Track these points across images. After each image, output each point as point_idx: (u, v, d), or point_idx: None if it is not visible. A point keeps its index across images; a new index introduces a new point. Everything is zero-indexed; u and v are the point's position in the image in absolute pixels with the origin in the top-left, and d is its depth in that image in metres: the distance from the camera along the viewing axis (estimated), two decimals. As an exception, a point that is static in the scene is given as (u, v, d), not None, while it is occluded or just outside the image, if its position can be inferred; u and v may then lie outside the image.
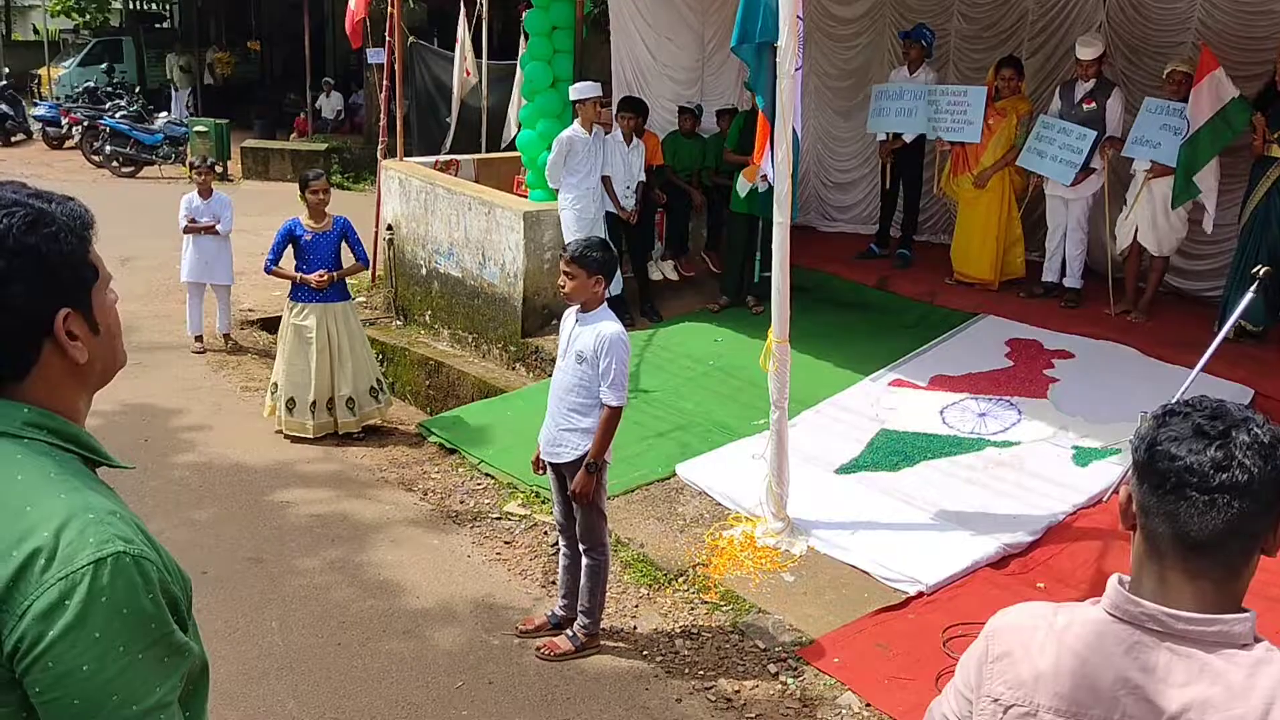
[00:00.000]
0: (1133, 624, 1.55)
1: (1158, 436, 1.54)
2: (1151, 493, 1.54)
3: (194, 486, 6.53)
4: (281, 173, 17.31)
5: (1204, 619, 1.51)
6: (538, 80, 9.01)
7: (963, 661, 1.73)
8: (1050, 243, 8.30)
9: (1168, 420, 1.56)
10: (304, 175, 7.42)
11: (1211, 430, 1.51)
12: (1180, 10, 8.16)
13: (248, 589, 5.34)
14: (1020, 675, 1.61)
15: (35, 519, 1.36)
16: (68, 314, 1.46)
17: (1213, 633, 1.51)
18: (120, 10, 28.81)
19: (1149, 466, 1.54)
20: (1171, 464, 1.51)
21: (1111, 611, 1.58)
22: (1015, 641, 1.65)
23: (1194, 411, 1.54)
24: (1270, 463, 1.49)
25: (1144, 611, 1.54)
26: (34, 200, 1.47)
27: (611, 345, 4.53)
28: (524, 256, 8.43)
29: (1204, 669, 1.50)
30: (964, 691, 1.70)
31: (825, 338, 7.70)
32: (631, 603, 5.31)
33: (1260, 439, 1.50)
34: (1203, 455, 1.49)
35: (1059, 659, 1.58)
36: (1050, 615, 1.65)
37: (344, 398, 7.31)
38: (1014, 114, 8.23)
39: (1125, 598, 1.56)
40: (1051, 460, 6.21)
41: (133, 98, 19.95)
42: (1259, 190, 7.16)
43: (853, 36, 10.09)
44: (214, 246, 9.03)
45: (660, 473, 6.41)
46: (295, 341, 7.25)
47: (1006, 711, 1.62)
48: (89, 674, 1.31)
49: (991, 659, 1.66)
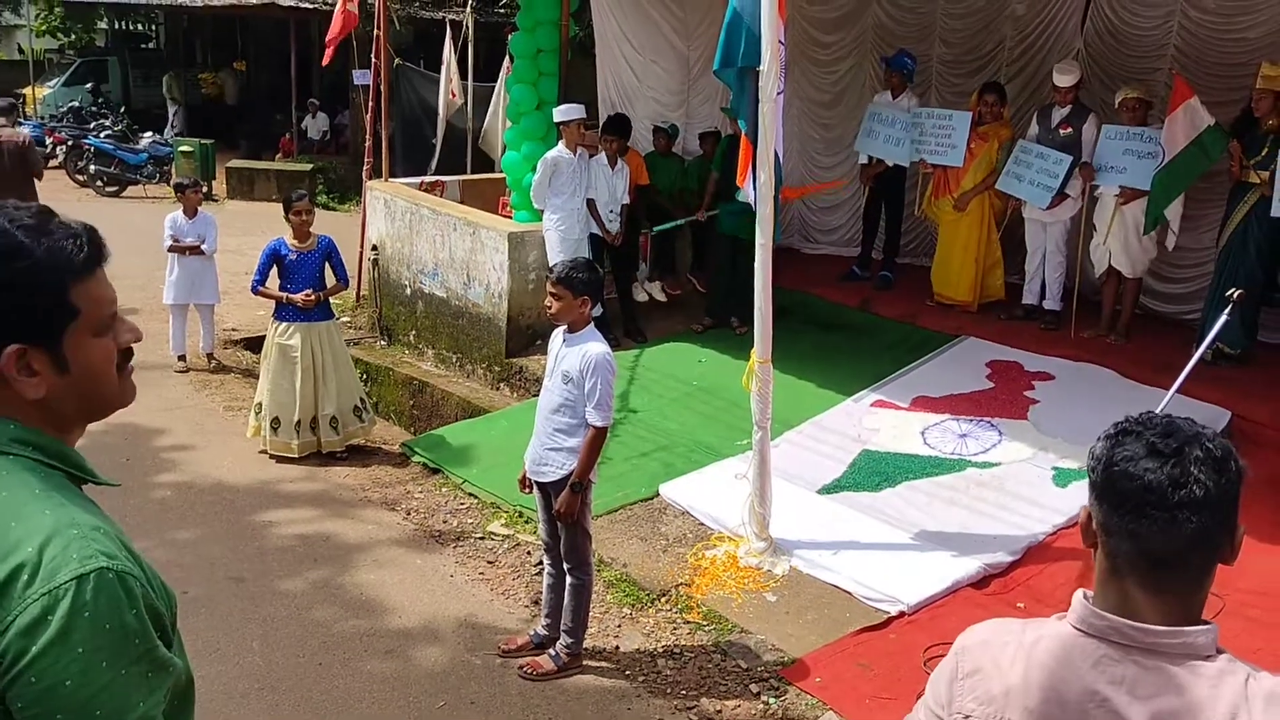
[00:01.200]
0: (1099, 638, 1.58)
1: (1114, 457, 1.58)
2: (1112, 512, 1.57)
3: (176, 506, 6.51)
4: (266, 193, 17.30)
5: (1168, 631, 1.54)
6: (523, 103, 9.06)
7: (933, 678, 1.75)
8: (1030, 265, 8.38)
9: (1121, 440, 1.59)
10: (288, 196, 7.42)
11: (1165, 448, 1.55)
12: (1156, 38, 8.29)
13: (229, 609, 5.33)
14: (990, 691, 1.64)
15: (19, 535, 1.37)
16: (19, 350, 1.45)
17: (1177, 645, 1.54)
18: (105, 31, 28.83)
19: (1107, 487, 1.58)
20: (1130, 484, 1.54)
21: (1078, 626, 1.60)
22: (985, 658, 1.67)
23: (1146, 430, 1.58)
24: (1224, 475, 1.53)
25: (1109, 625, 1.57)
26: (18, 232, 1.46)
27: (597, 366, 4.56)
28: (508, 277, 8.46)
29: (1169, 681, 1.53)
30: (934, 709, 1.72)
31: (808, 359, 7.75)
32: (614, 622, 5.32)
33: (1213, 454, 1.54)
34: (1159, 474, 1.53)
35: (1028, 674, 1.61)
36: (1019, 631, 1.68)
37: (328, 417, 7.33)
38: (995, 139, 8.32)
39: (1091, 612, 1.59)
40: (1032, 481, 6.26)
41: (117, 117, 19.94)
42: (1237, 214, 7.26)
43: (835, 62, 10.20)
44: (199, 266, 9.03)
45: (643, 493, 6.43)
46: (280, 361, 7.26)
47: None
48: (72, 689, 1.32)
49: (961, 676, 1.68)
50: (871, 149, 9.09)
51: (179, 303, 9.04)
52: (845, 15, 9.99)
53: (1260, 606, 5.02)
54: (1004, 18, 9.18)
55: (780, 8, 5.14)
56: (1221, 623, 5.04)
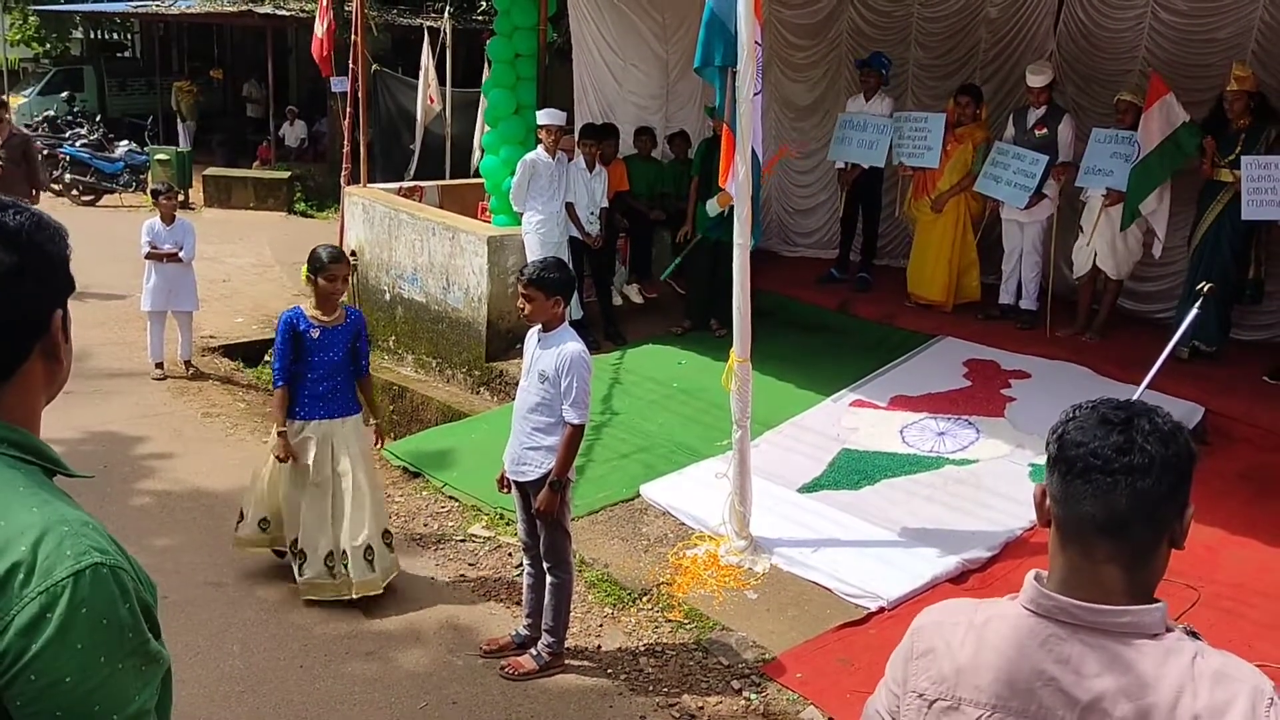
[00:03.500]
0: (1047, 617, 1.60)
1: (1067, 428, 1.62)
2: (1060, 480, 1.61)
3: (154, 512, 6.48)
4: (244, 201, 17.24)
5: (1113, 610, 1.56)
6: (501, 107, 9.09)
7: (891, 658, 1.79)
8: (1006, 265, 8.46)
9: (1076, 413, 1.64)
10: (316, 255, 5.41)
11: (1115, 418, 1.59)
12: (1128, 39, 8.39)
13: (209, 613, 5.30)
14: (942, 670, 1.67)
15: (10, 533, 1.37)
16: (62, 314, 1.50)
17: (1123, 623, 1.56)
18: (80, 40, 28.68)
19: (1058, 455, 1.62)
20: (1078, 450, 1.58)
21: (1028, 606, 1.63)
22: (937, 638, 1.70)
23: (1101, 404, 1.63)
24: (1171, 447, 1.56)
25: (1056, 605, 1.60)
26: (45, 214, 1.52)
27: (573, 364, 4.57)
28: (488, 281, 8.47)
29: (1115, 659, 1.55)
30: (892, 688, 1.76)
31: (787, 360, 7.79)
32: (596, 622, 5.32)
33: (1161, 428, 1.58)
34: (1105, 440, 1.57)
35: (978, 654, 1.64)
36: (971, 611, 1.71)
37: (360, 548, 5.34)
38: (971, 140, 8.40)
39: (1039, 592, 1.62)
40: (1009, 477, 6.31)
41: (93, 126, 19.82)
42: (1209, 213, 7.36)
43: (810, 66, 10.26)
44: (177, 273, 8.97)
45: (624, 493, 6.45)
46: (294, 475, 5.40)
47: (930, 706, 1.67)
48: (72, 685, 1.33)
49: (916, 656, 1.71)
50: (845, 155, 9.16)
51: (157, 309, 8.98)
52: (821, 21, 10.06)
53: (1233, 598, 5.08)
54: (978, 21, 9.27)
55: (756, 9, 5.18)
56: (1197, 614, 5.11)
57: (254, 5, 18.93)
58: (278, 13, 18.78)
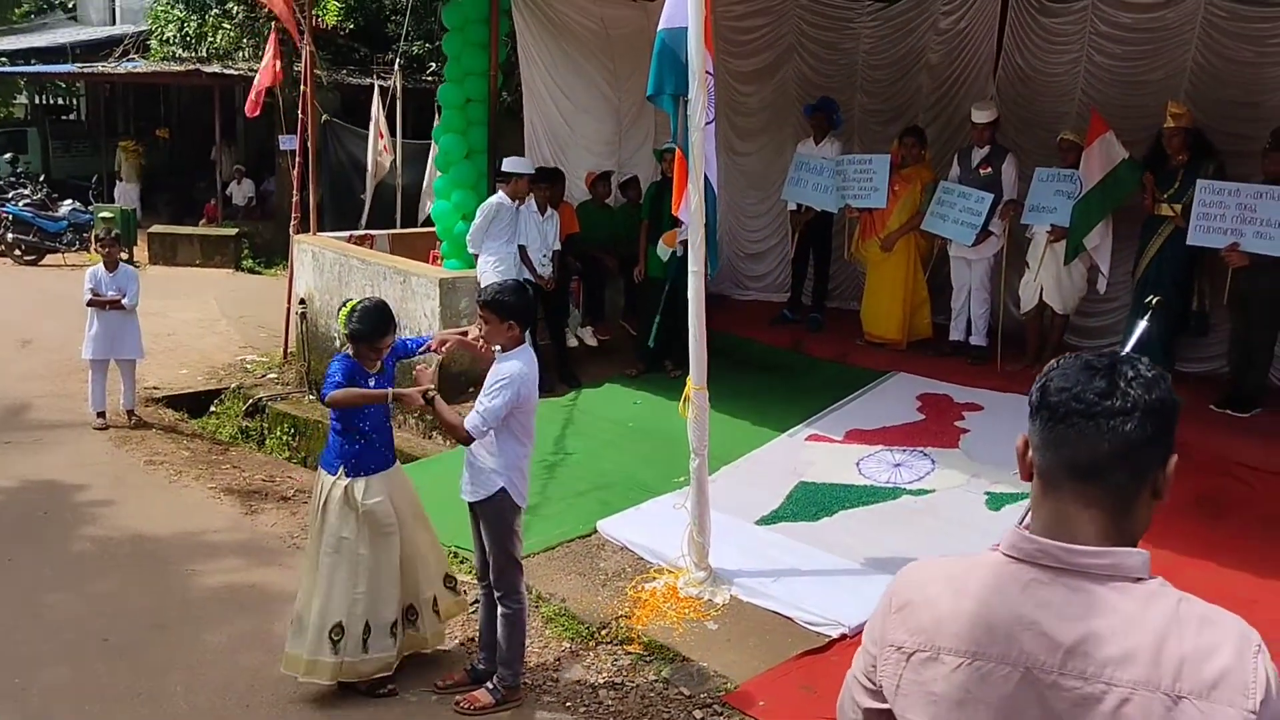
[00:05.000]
0: (1029, 562, 1.57)
1: (1050, 375, 1.61)
2: (1043, 426, 1.59)
3: (95, 557, 6.26)
4: (190, 258, 17.05)
5: (1096, 551, 1.53)
6: (452, 152, 9.09)
7: (867, 624, 1.75)
8: (955, 303, 8.56)
9: (1059, 364, 1.63)
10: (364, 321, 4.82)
11: (1098, 364, 1.58)
12: (1064, 82, 8.62)
13: (151, 655, 5.11)
14: (921, 621, 1.63)
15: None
16: None
17: (1105, 565, 1.53)
18: (25, 105, 28.44)
19: (1041, 401, 1.60)
20: (1060, 395, 1.57)
21: (1008, 552, 1.60)
22: (915, 591, 1.67)
23: (1083, 354, 1.62)
24: (1153, 392, 1.55)
25: (1038, 547, 1.56)
26: None
27: (500, 374, 4.50)
28: (440, 324, 8.39)
29: (1098, 602, 1.52)
30: (869, 648, 1.72)
31: (742, 397, 7.77)
32: (553, 656, 5.20)
33: (1144, 374, 1.57)
34: (1088, 385, 1.56)
35: (958, 602, 1.60)
36: (949, 565, 1.68)
37: (428, 601, 5.04)
38: (918, 180, 8.54)
39: (1021, 536, 1.60)
40: (966, 505, 6.32)
41: (36, 186, 19.55)
42: (1151, 246, 7.52)
43: (759, 111, 10.41)
44: (119, 320, 8.79)
45: (581, 530, 6.35)
46: (372, 538, 4.78)
47: (909, 658, 1.63)
48: None
49: (894, 610, 1.68)
50: (799, 196, 9.26)
51: (99, 358, 8.78)
52: (766, 68, 10.23)
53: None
54: (920, 67, 9.48)
55: (707, 40, 5.24)
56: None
57: (201, 65, 18.88)
58: (225, 72, 18.74)
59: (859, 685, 1.74)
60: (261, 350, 11.44)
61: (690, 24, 5.17)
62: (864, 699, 1.71)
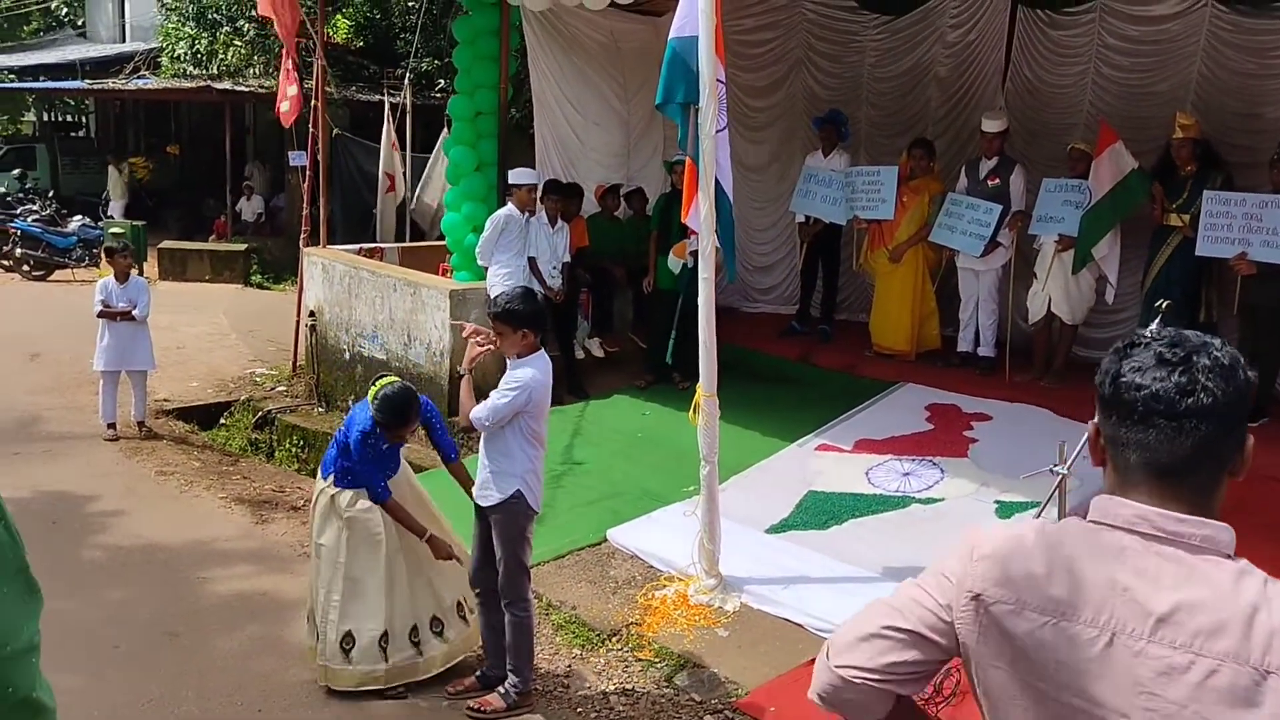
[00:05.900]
0: (1124, 529, 1.56)
1: (1121, 368, 1.58)
2: (1120, 423, 1.57)
3: (106, 566, 6.28)
4: (199, 273, 17.10)
5: (1195, 520, 1.52)
6: (463, 165, 9.14)
7: (941, 560, 1.69)
8: (963, 314, 8.56)
9: (1129, 352, 1.59)
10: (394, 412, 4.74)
11: (1173, 357, 1.54)
12: (1072, 94, 8.66)
13: (163, 662, 5.12)
14: (1009, 573, 1.60)
15: None
16: None
17: (1202, 535, 1.52)
18: (33, 122, 28.62)
19: (1114, 398, 1.57)
20: (1137, 393, 1.54)
21: (1100, 519, 1.59)
22: (1002, 545, 1.63)
23: (1154, 341, 1.58)
24: (1232, 383, 1.53)
25: (1136, 513, 1.55)
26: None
27: (511, 378, 4.54)
28: (450, 335, 8.42)
29: (1192, 572, 1.51)
30: (945, 575, 1.66)
31: (751, 408, 7.77)
32: (564, 663, 5.20)
33: (1221, 361, 1.54)
34: (1167, 382, 1.53)
35: (1051, 563, 1.58)
36: (1038, 526, 1.66)
37: (452, 607, 5.04)
38: (926, 192, 8.57)
39: (1117, 502, 1.58)
40: (976, 515, 6.30)
41: (45, 202, 19.66)
42: (1160, 257, 7.54)
43: (767, 125, 10.45)
44: (131, 332, 8.83)
45: (591, 538, 6.36)
46: (349, 549, 4.80)
47: (988, 609, 1.60)
48: None
49: (976, 558, 1.63)
50: (808, 208, 9.28)
51: (110, 369, 8.81)
52: (774, 82, 10.28)
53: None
54: (928, 80, 9.53)
55: (718, 47, 5.28)
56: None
57: (212, 82, 19.01)
58: (236, 89, 18.86)
59: (931, 602, 1.67)
60: (270, 364, 11.47)
61: (701, 33, 5.21)
62: (930, 618, 1.66)
